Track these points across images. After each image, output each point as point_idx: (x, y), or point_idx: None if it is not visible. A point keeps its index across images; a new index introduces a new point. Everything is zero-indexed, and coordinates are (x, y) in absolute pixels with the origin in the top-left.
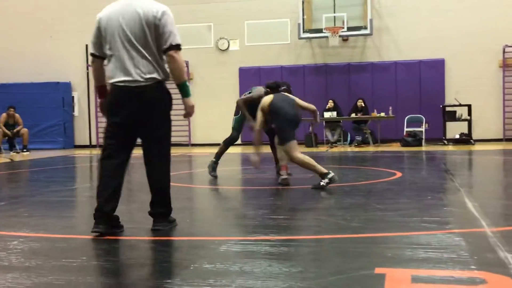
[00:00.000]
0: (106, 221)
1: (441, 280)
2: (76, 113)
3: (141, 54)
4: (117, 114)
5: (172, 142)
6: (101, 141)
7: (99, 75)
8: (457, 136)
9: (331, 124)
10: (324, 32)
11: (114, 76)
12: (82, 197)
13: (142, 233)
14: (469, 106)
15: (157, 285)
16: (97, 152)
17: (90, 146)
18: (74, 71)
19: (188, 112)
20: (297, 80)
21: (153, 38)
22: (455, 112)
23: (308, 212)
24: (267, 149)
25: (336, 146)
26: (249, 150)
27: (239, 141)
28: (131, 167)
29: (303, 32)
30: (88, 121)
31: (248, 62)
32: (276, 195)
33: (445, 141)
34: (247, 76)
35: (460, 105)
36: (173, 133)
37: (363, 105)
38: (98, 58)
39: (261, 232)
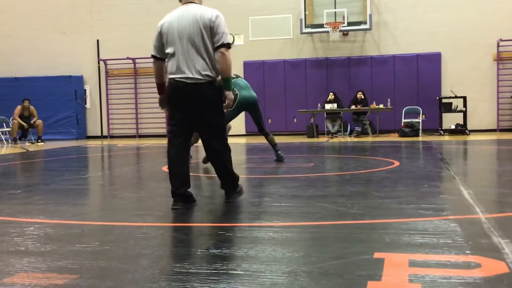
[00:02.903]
0: (182, 199)
1: (437, 264)
2: (88, 105)
3: (198, 54)
4: (175, 106)
5: None
6: (111, 132)
7: (160, 74)
8: (453, 127)
9: (332, 115)
10: (325, 27)
11: (173, 72)
12: (94, 186)
13: (151, 219)
14: (465, 98)
15: (166, 269)
16: (108, 142)
17: (102, 136)
18: (86, 65)
19: (228, 104)
20: (299, 74)
21: (209, 40)
22: (451, 103)
23: (310, 199)
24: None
25: (336, 137)
26: (253, 140)
27: (243, 132)
28: (139, 157)
29: (305, 27)
30: (99, 113)
31: (252, 56)
32: (279, 183)
33: (441, 132)
34: (252, 69)
35: (456, 97)
36: None
37: (363, 97)
38: (159, 59)
39: (265, 218)
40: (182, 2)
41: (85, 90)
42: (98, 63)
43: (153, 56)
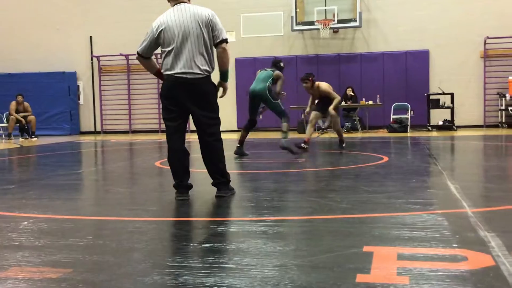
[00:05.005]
0: (186, 189)
1: (425, 257)
2: (81, 101)
3: (197, 50)
4: (173, 100)
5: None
6: (104, 127)
7: (151, 66)
8: (441, 123)
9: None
10: (316, 25)
11: (172, 68)
12: (88, 181)
13: (144, 214)
14: (452, 95)
15: (159, 262)
16: (101, 137)
17: (95, 132)
18: (79, 61)
19: (225, 93)
20: (290, 70)
21: (208, 37)
22: (438, 100)
23: (301, 194)
24: (261, 135)
25: (326, 132)
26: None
27: (235, 128)
28: (132, 152)
29: (296, 24)
30: (92, 109)
31: (244, 53)
32: (271, 178)
33: (429, 127)
34: (243, 66)
35: (444, 93)
36: None
37: (352, 93)
38: (144, 58)
39: (257, 213)
40: (173, 3)
41: (78, 86)
42: (91, 59)
43: (139, 54)
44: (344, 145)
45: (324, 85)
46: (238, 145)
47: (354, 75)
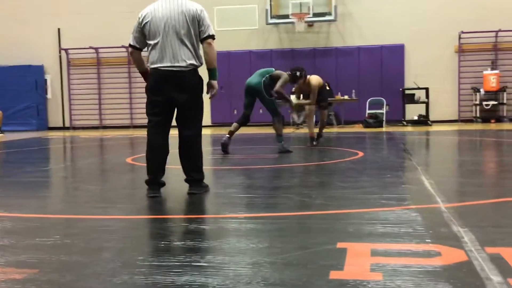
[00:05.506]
0: (159, 186)
1: (398, 253)
2: (49, 95)
3: (183, 43)
4: (159, 94)
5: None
6: (74, 123)
7: (140, 63)
8: (416, 118)
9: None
10: (291, 18)
11: (158, 61)
12: (56, 178)
13: (115, 212)
14: (427, 89)
15: (129, 262)
16: (70, 133)
17: (64, 128)
18: (47, 54)
19: (215, 93)
20: (264, 64)
21: (194, 31)
22: (413, 94)
23: (275, 190)
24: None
25: (302, 128)
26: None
27: (209, 123)
28: (105, 148)
29: (271, 17)
30: (61, 104)
31: (218, 46)
32: (245, 174)
33: (404, 122)
34: (217, 60)
35: (419, 88)
36: None
37: (328, 88)
38: (137, 49)
39: (230, 210)
40: None
41: (45, 80)
42: (60, 52)
43: (131, 46)
44: (320, 139)
45: (314, 81)
46: (228, 135)
47: (329, 69)
